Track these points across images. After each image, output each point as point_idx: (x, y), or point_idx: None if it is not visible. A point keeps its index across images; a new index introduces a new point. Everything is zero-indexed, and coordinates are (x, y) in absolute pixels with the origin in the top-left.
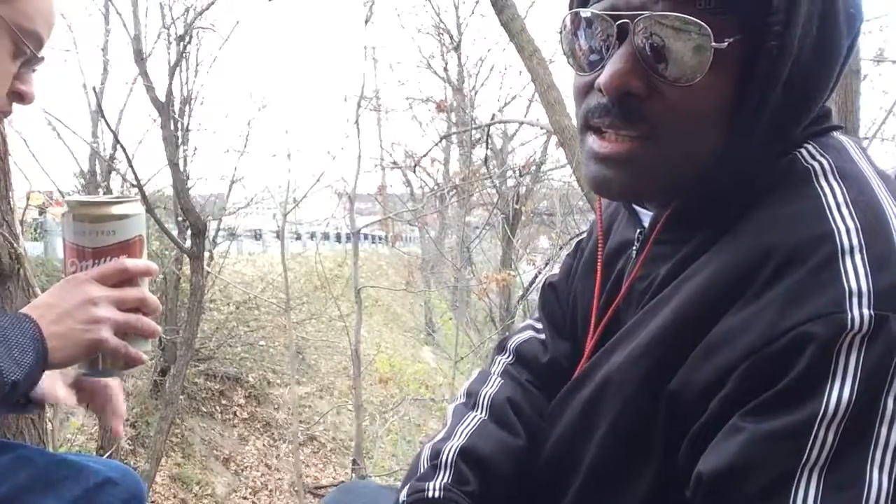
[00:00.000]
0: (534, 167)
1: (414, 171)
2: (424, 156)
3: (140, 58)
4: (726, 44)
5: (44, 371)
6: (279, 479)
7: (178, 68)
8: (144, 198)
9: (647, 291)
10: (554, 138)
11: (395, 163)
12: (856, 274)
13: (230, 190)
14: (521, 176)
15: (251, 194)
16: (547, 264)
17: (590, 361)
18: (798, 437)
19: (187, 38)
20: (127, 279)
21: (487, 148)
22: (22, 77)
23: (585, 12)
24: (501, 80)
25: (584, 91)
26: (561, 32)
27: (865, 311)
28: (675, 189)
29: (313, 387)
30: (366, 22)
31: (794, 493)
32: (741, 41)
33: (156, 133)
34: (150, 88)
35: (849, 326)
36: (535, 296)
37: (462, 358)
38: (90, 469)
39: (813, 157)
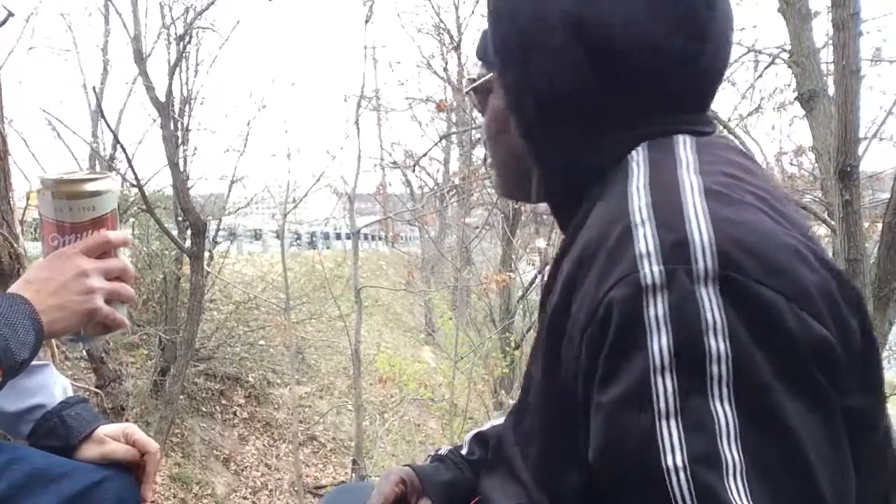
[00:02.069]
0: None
1: (414, 171)
2: (424, 156)
3: (140, 58)
4: (499, 92)
5: (41, 344)
6: (279, 479)
7: (178, 68)
8: (144, 198)
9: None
10: None
11: (394, 163)
12: (645, 240)
13: (230, 190)
14: None
15: (251, 194)
16: (547, 264)
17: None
18: (642, 393)
19: (187, 38)
20: (109, 250)
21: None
22: None
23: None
24: None
25: None
26: None
27: (656, 268)
28: (527, 194)
29: (313, 387)
30: (366, 22)
31: (662, 444)
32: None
33: (156, 133)
34: (150, 88)
35: (643, 283)
36: (535, 296)
37: (462, 358)
38: (86, 468)
39: (638, 154)
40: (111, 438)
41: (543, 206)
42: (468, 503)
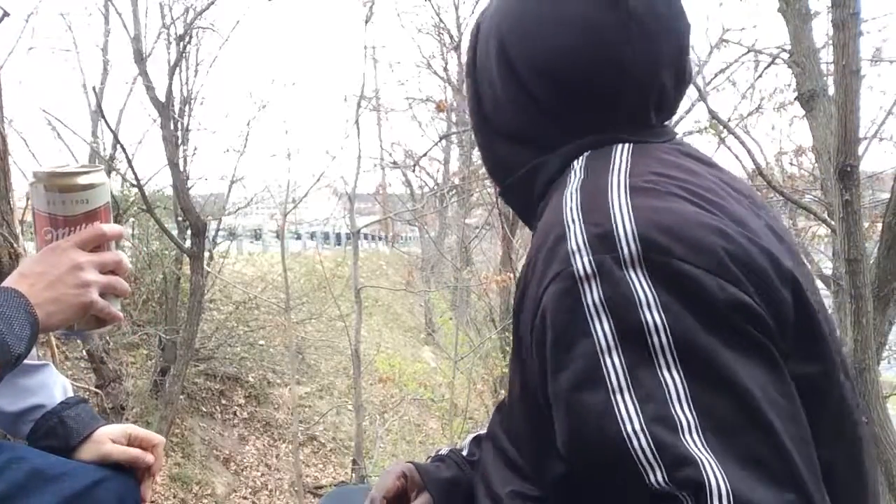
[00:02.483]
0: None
1: (414, 171)
2: (424, 156)
3: (140, 58)
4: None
5: (37, 338)
6: (279, 479)
7: (178, 68)
8: (144, 198)
9: None
10: None
11: (394, 163)
12: (575, 238)
13: (230, 190)
14: None
15: (251, 194)
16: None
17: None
18: (593, 374)
19: (187, 38)
20: (103, 243)
21: None
22: None
23: None
24: None
25: None
26: None
27: (587, 259)
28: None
29: (313, 387)
30: (366, 22)
31: (620, 417)
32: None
33: (156, 133)
34: (150, 88)
35: (576, 274)
36: None
37: (462, 358)
38: (86, 468)
39: (576, 166)
40: (111, 440)
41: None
42: (467, 500)
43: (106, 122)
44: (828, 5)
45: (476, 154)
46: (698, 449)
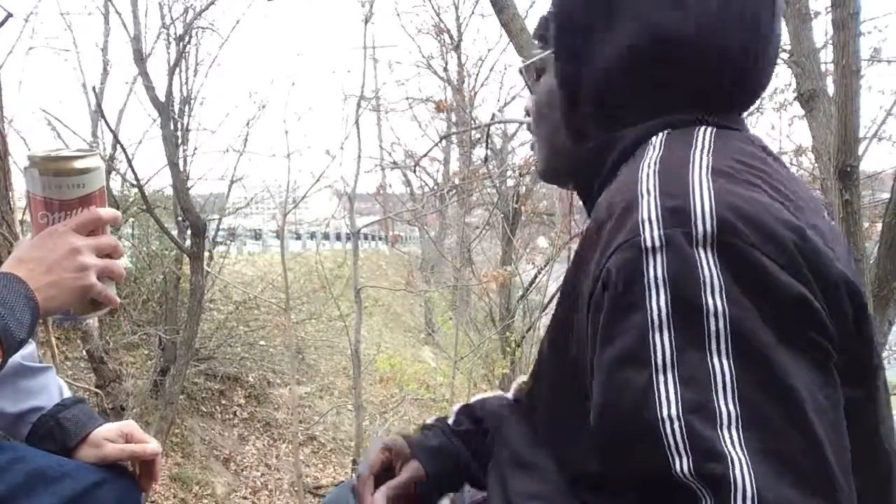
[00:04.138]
0: (533, 167)
1: (414, 171)
2: (424, 156)
3: (140, 58)
4: (553, 70)
5: (37, 323)
6: (279, 479)
7: (177, 68)
8: (144, 198)
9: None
10: None
11: (394, 163)
12: (648, 207)
13: (230, 190)
14: (520, 176)
15: (251, 194)
16: (547, 264)
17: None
18: (640, 349)
19: (187, 38)
20: (99, 227)
21: (487, 148)
22: None
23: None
24: (501, 80)
25: None
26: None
27: (657, 231)
28: (566, 174)
29: (313, 387)
30: (366, 22)
31: (658, 397)
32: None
33: (156, 133)
34: (150, 88)
35: (643, 245)
36: (535, 296)
37: (462, 358)
38: (87, 468)
39: (655, 141)
40: (109, 440)
41: (545, 205)
42: (456, 467)
43: (106, 122)
44: (827, 5)
45: (476, 154)
46: (733, 445)
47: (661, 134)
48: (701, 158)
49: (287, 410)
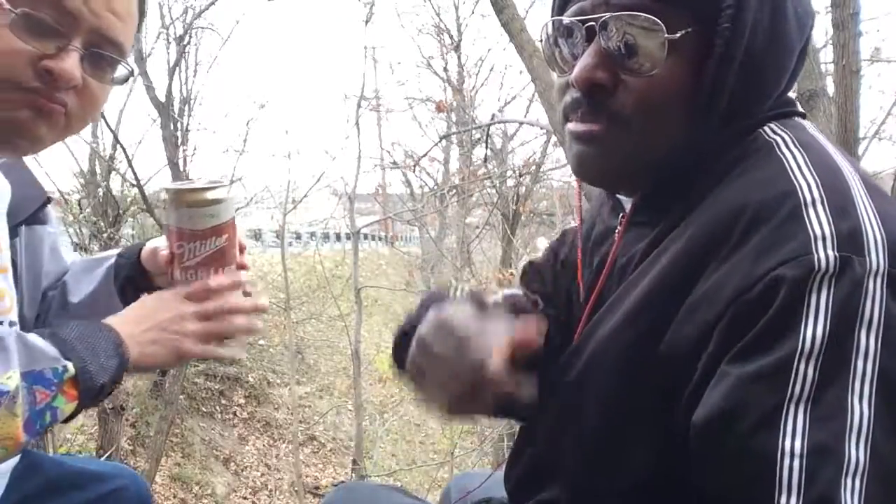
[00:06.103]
0: (534, 167)
1: (414, 171)
2: (424, 156)
3: (140, 58)
4: (679, 35)
5: (125, 372)
6: (279, 479)
7: (178, 68)
8: (144, 198)
9: (628, 268)
10: (554, 138)
11: (394, 163)
12: (819, 222)
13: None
14: (520, 176)
15: (251, 194)
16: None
17: (578, 339)
18: (780, 374)
19: (187, 38)
20: (213, 293)
21: (487, 148)
22: (56, 55)
23: (559, 19)
24: (501, 80)
25: (562, 90)
26: (542, 41)
27: (831, 253)
28: (647, 172)
29: (313, 387)
30: (366, 22)
31: (784, 427)
32: (696, 32)
33: (156, 133)
34: (150, 88)
35: (816, 267)
36: None
37: None
38: (98, 476)
39: (775, 133)
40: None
41: (545, 205)
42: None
43: (106, 122)
44: (827, 5)
45: (476, 154)
46: (853, 494)
47: (773, 125)
48: (846, 166)
49: (287, 410)
